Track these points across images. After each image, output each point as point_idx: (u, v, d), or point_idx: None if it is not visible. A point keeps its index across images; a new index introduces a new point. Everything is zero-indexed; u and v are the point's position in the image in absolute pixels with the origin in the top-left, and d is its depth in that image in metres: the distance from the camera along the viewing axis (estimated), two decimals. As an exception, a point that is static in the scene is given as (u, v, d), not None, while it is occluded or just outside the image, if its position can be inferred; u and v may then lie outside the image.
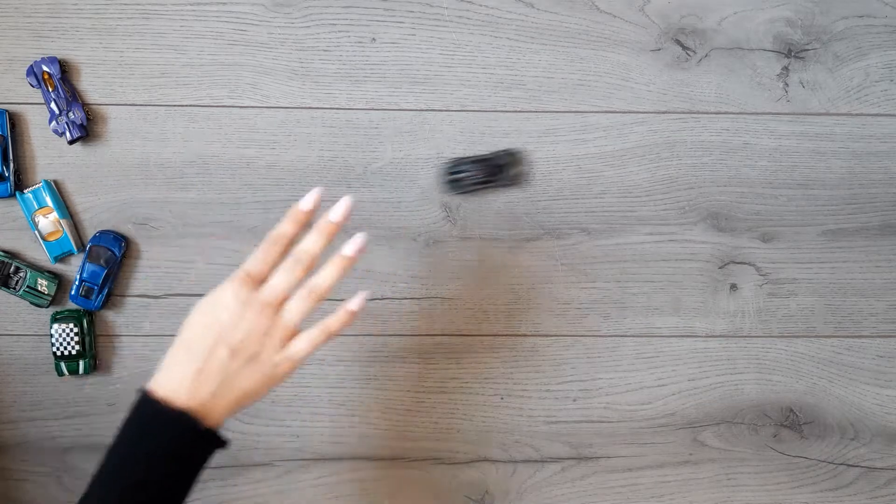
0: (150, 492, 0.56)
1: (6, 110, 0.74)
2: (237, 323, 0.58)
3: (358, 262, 0.77)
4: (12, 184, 0.74)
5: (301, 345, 0.60)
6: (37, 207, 0.74)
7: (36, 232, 0.74)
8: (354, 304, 0.62)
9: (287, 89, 0.76)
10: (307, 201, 0.61)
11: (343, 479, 0.77)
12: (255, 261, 0.60)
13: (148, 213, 0.76)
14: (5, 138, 0.73)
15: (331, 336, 0.61)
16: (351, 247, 0.61)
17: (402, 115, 0.77)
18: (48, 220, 0.74)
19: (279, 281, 0.60)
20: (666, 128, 0.78)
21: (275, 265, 0.60)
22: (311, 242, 0.61)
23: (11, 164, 0.74)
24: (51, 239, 0.74)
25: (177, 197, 0.76)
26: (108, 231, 0.75)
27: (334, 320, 0.61)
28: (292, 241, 0.61)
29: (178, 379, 0.57)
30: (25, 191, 0.73)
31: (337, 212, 0.61)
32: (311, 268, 0.61)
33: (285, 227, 0.61)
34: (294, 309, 0.60)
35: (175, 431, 0.57)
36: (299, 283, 0.60)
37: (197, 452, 0.58)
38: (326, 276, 0.61)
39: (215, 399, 0.58)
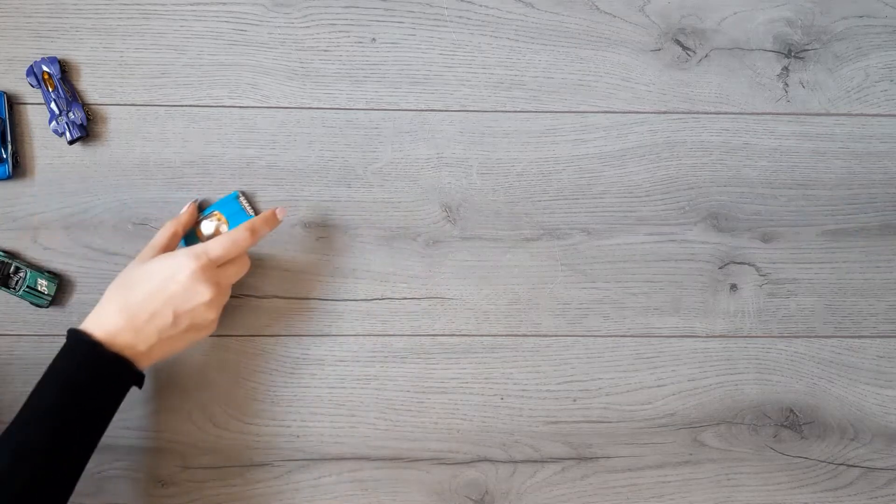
0: (82, 423, 0.63)
1: (4, 92, 0.74)
2: (188, 296, 0.65)
3: (357, 262, 0.77)
4: (10, 165, 0.74)
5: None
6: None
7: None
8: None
9: (287, 89, 0.77)
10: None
11: (343, 479, 0.77)
12: (220, 253, 0.67)
13: (148, 213, 0.76)
14: (4, 121, 0.73)
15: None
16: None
17: (402, 115, 0.77)
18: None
19: (232, 271, 0.68)
20: (666, 128, 0.78)
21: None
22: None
23: (10, 146, 0.74)
24: None
25: (177, 197, 0.76)
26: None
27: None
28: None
29: (114, 330, 0.63)
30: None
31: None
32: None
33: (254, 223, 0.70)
34: (231, 274, 0.68)
35: (113, 374, 0.63)
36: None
37: (123, 390, 0.65)
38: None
39: (148, 353, 0.65)
